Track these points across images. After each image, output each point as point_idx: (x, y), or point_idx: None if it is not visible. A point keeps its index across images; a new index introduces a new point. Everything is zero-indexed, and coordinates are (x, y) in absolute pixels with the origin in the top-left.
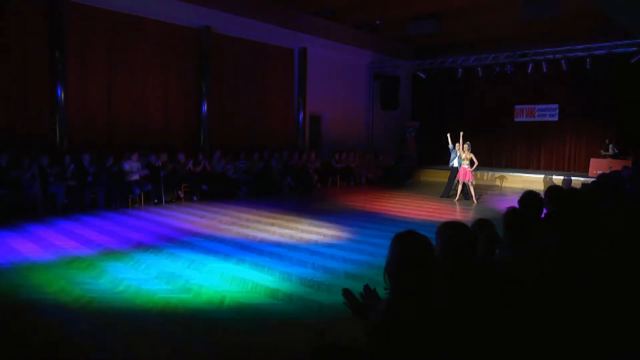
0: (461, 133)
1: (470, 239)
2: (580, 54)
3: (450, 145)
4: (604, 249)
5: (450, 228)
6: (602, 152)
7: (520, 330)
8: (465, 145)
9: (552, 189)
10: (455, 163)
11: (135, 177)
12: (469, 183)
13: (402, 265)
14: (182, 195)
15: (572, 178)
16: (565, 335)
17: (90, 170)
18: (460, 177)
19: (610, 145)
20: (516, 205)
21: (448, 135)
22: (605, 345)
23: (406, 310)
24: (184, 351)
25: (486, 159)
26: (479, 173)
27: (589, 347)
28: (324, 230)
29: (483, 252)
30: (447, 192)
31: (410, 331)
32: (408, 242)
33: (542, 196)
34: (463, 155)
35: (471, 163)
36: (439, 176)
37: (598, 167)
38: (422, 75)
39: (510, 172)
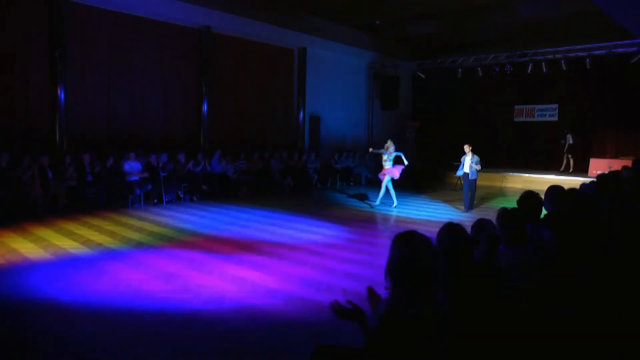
0: (388, 141)
1: (467, 240)
2: (580, 54)
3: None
4: (604, 249)
5: (447, 230)
6: (561, 141)
7: (519, 330)
8: (391, 146)
9: (552, 189)
10: (466, 169)
11: (135, 177)
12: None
13: (403, 265)
14: (182, 195)
15: (574, 178)
16: (564, 335)
17: (90, 170)
18: (389, 175)
19: (569, 135)
20: (516, 205)
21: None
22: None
23: (406, 310)
24: (184, 351)
25: (486, 159)
26: (479, 173)
27: (588, 346)
28: (324, 230)
29: (483, 252)
30: (472, 203)
31: (410, 331)
32: (408, 242)
33: (542, 196)
34: (386, 158)
35: (392, 162)
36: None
37: (598, 167)
38: (422, 76)
39: (510, 172)
